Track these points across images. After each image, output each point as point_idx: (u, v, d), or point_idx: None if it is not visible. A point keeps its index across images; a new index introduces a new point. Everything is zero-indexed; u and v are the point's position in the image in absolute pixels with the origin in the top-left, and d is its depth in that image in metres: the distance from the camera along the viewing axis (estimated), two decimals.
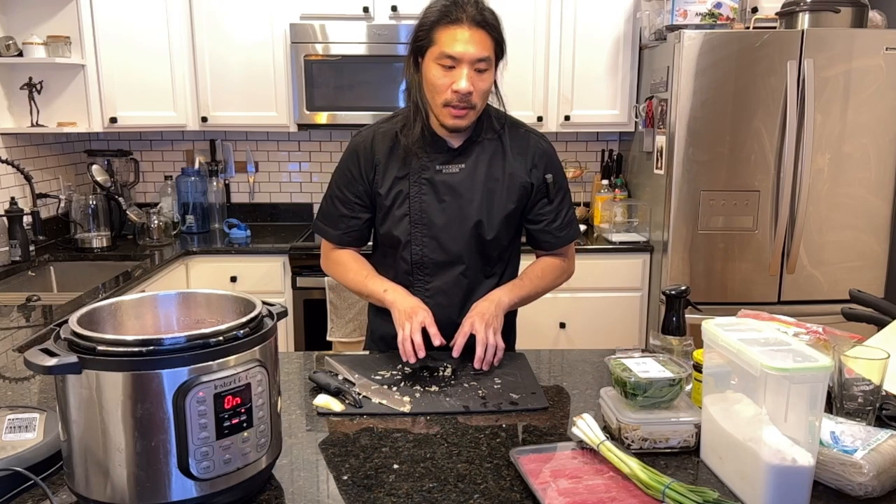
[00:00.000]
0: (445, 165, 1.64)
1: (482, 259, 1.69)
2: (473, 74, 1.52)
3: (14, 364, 1.63)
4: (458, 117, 1.55)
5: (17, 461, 1.04)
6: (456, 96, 1.52)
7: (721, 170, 2.96)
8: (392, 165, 1.65)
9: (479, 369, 1.52)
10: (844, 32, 2.89)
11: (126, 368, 0.91)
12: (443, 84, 1.53)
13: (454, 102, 1.53)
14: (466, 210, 1.64)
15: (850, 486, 1.03)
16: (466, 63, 1.50)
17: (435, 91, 1.55)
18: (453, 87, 1.51)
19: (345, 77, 3.23)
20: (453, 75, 1.51)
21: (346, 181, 1.69)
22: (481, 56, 1.51)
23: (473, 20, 1.50)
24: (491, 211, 1.65)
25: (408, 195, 1.64)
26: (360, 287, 1.69)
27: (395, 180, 1.65)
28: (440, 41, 1.51)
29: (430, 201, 1.64)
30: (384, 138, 1.66)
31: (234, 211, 3.77)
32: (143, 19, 3.16)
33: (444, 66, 1.52)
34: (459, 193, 1.64)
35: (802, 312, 2.05)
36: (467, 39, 1.49)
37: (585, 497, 1.02)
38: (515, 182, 1.66)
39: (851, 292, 1.69)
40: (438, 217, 1.64)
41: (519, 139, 1.68)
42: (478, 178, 1.64)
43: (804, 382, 0.96)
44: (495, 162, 1.66)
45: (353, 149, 1.69)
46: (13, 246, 2.80)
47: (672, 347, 1.44)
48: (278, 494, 1.06)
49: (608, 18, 3.34)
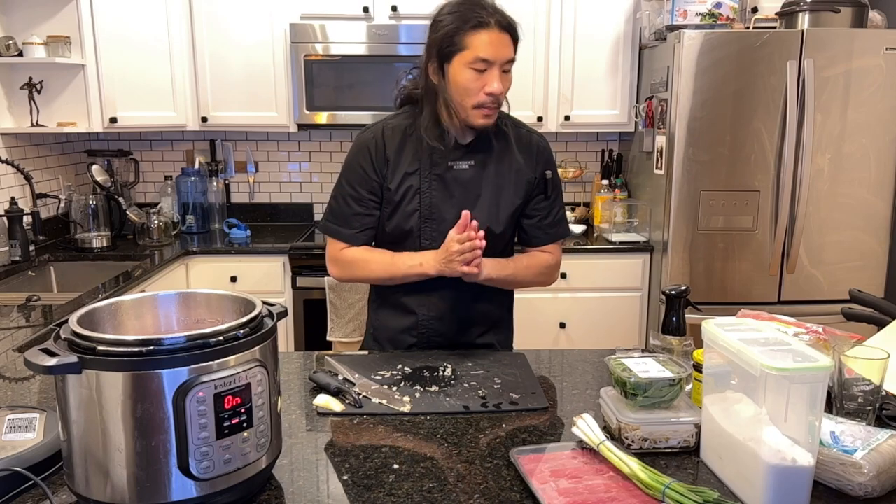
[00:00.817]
0: (456, 162, 1.67)
1: (488, 253, 1.68)
2: (501, 75, 1.58)
3: (14, 364, 1.63)
4: (488, 116, 1.61)
5: (17, 461, 1.04)
6: (489, 98, 1.57)
7: (721, 170, 2.96)
8: (403, 161, 1.67)
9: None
10: (844, 32, 2.89)
11: (126, 368, 0.91)
12: (475, 87, 1.57)
13: (487, 104, 1.58)
14: (476, 206, 1.67)
15: (850, 486, 1.03)
16: (498, 66, 1.56)
17: (466, 94, 1.58)
18: (486, 90, 1.56)
19: (345, 77, 3.23)
20: (485, 78, 1.56)
21: (359, 178, 1.69)
22: (511, 57, 1.58)
23: (500, 24, 1.56)
24: (499, 207, 1.69)
25: (419, 190, 1.67)
26: (391, 272, 1.68)
27: (406, 175, 1.67)
28: (472, 45, 1.55)
29: (441, 196, 1.67)
30: (394, 134, 1.68)
31: (234, 211, 3.77)
32: (143, 19, 3.16)
33: (476, 70, 1.56)
34: (469, 189, 1.68)
35: (802, 312, 2.05)
36: (498, 41, 1.55)
37: (585, 497, 1.02)
38: (522, 178, 1.70)
39: (851, 292, 1.69)
40: (448, 212, 1.66)
41: (522, 137, 1.73)
42: (488, 173, 1.69)
43: (804, 382, 0.96)
44: (504, 158, 1.70)
45: (363, 145, 1.69)
46: (13, 246, 2.80)
47: (672, 347, 1.44)
48: (278, 494, 1.06)
49: (608, 18, 3.34)
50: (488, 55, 1.54)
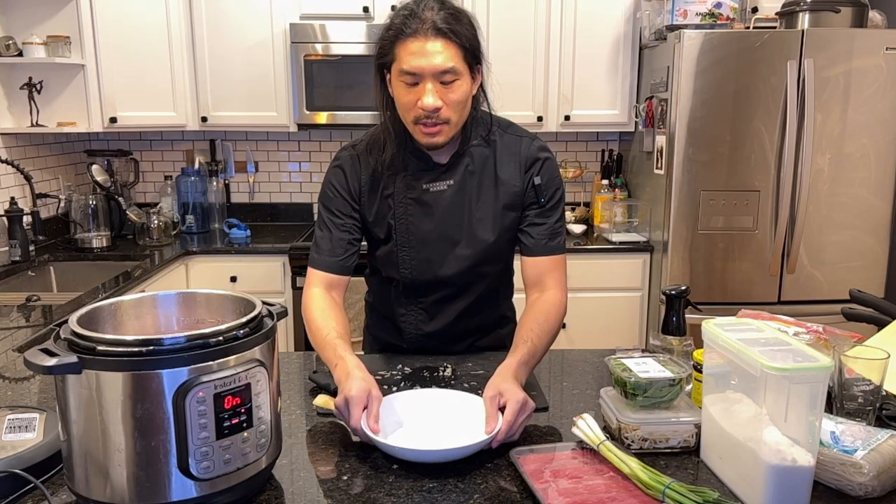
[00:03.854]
0: (433, 183, 1.53)
1: (476, 274, 1.60)
2: (440, 88, 1.39)
3: (14, 364, 1.63)
4: (430, 135, 1.43)
5: (17, 461, 1.04)
6: (424, 113, 1.40)
7: (721, 170, 2.96)
8: (376, 182, 1.55)
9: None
10: (844, 32, 2.89)
11: (126, 368, 0.90)
12: (409, 101, 1.41)
13: (423, 119, 1.41)
14: (457, 229, 1.55)
15: (850, 486, 1.03)
16: (429, 77, 1.38)
17: (403, 109, 1.44)
18: (419, 105, 1.40)
19: (345, 77, 3.23)
20: (418, 91, 1.39)
21: (338, 203, 1.56)
22: (444, 68, 1.37)
23: (433, 29, 1.36)
24: (483, 227, 1.55)
25: (394, 215, 1.55)
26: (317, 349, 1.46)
27: (381, 199, 1.56)
28: (399, 57, 1.39)
29: (417, 222, 1.55)
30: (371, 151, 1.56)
31: (234, 211, 3.77)
32: (144, 19, 3.16)
33: (406, 84, 1.40)
34: (448, 212, 1.54)
35: (802, 312, 2.05)
36: (426, 52, 1.36)
37: (585, 497, 1.02)
38: (508, 191, 1.55)
39: (851, 292, 1.69)
40: (427, 238, 1.55)
41: (511, 144, 1.57)
42: (468, 192, 1.54)
43: (804, 382, 0.96)
44: (486, 173, 1.55)
45: (336, 167, 1.58)
46: (13, 246, 2.80)
47: (672, 347, 1.44)
48: (278, 494, 1.06)
49: (608, 18, 3.34)
50: (412, 67, 1.37)
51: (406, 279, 1.60)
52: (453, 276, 1.58)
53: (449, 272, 1.57)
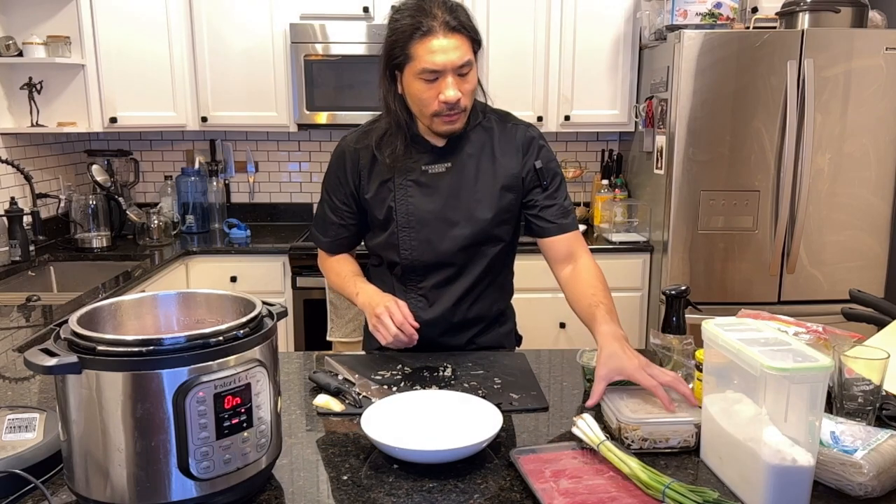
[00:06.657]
0: (431, 165, 1.61)
1: (475, 257, 1.65)
2: (458, 80, 1.48)
3: (14, 364, 1.63)
4: (450, 123, 1.53)
5: (17, 461, 1.04)
6: (446, 106, 1.49)
7: (721, 170, 2.96)
8: (377, 169, 1.63)
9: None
10: (844, 32, 2.89)
11: (126, 368, 0.91)
12: (429, 97, 1.49)
13: (445, 112, 1.50)
14: (455, 209, 1.61)
15: (850, 486, 1.03)
16: (450, 72, 1.46)
17: (422, 105, 1.51)
18: (441, 98, 1.48)
19: (345, 77, 3.23)
20: (438, 86, 1.48)
21: (334, 186, 1.69)
22: (463, 62, 1.47)
23: (447, 26, 1.45)
24: (481, 207, 1.61)
25: (394, 198, 1.62)
26: (340, 291, 1.72)
27: (381, 184, 1.63)
28: (418, 56, 1.46)
29: (417, 203, 1.61)
30: (371, 140, 1.63)
31: (234, 211, 3.77)
32: (143, 19, 3.16)
33: (426, 80, 1.47)
34: (447, 192, 1.61)
35: (802, 312, 2.05)
36: (445, 48, 1.45)
37: (585, 497, 1.02)
38: (506, 173, 1.62)
39: (851, 292, 1.69)
40: (426, 218, 1.61)
41: (507, 131, 1.65)
42: (466, 174, 1.61)
43: (804, 382, 0.96)
44: (484, 155, 1.62)
45: (340, 152, 1.68)
46: (13, 246, 2.80)
47: (672, 346, 1.44)
48: (278, 494, 1.06)
49: (608, 18, 3.34)
50: (435, 65, 1.45)
51: (406, 261, 1.65)
52: (452, 256, 1.63)
53: (448, 250, 1.63)
